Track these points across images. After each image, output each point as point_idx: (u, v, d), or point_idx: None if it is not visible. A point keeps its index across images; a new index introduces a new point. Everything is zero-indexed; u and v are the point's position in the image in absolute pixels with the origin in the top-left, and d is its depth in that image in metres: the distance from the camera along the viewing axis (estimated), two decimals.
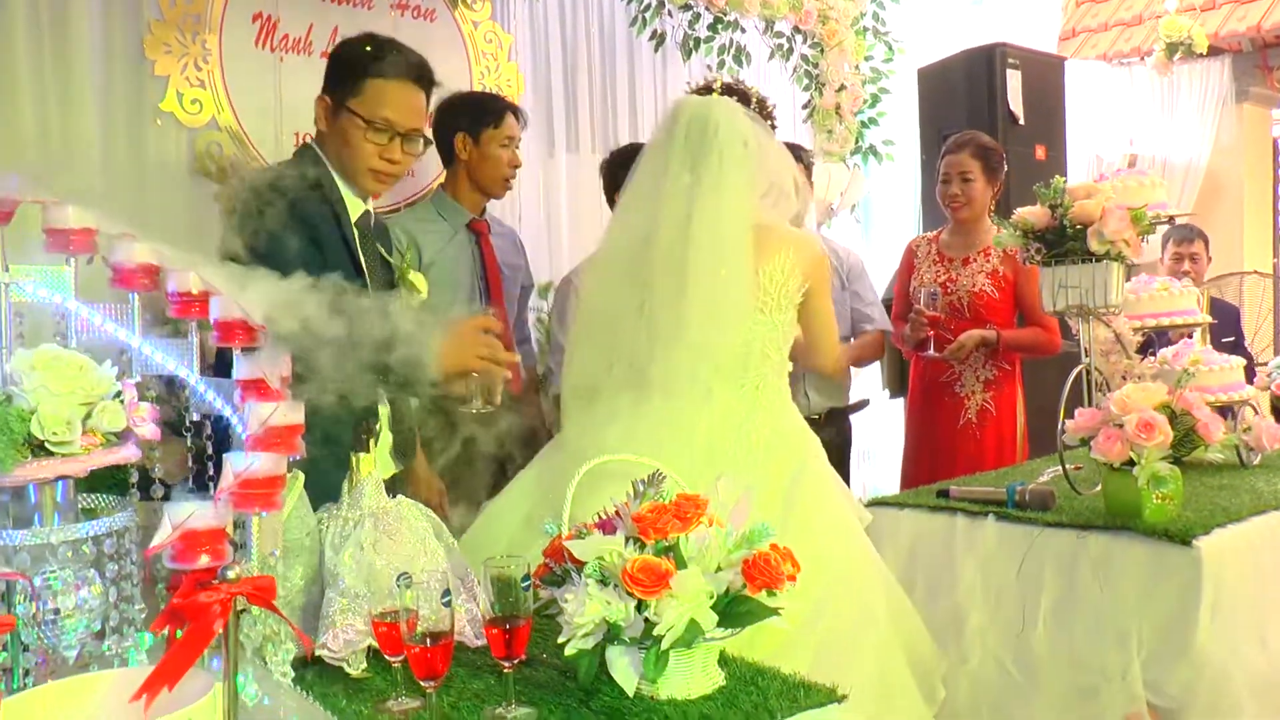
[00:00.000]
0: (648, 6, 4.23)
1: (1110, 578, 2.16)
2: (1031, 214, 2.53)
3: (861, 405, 3.62)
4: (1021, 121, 4.09)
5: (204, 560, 1.11)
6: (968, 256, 3.40)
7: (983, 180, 3.36)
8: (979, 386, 3.36)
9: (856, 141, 5.00)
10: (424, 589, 1.41)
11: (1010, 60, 4.08)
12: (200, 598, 1.05)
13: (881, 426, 4.87)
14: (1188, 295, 2.76)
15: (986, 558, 2.37)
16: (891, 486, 4.11)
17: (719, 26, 4.47)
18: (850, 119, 4.97)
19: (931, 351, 3.24)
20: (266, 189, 1.89)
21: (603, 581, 1.31)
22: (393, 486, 2.14)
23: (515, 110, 3.00)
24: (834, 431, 3.48)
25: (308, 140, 2.14)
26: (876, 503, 2.62)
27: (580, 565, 1.33)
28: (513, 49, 3.85)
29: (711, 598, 1.32)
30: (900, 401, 4.31)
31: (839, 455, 3.53)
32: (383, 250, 2.14)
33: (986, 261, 3.36)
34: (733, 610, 1.33)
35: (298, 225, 1.89)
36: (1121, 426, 2.12)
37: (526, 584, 1.35)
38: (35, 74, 2.78)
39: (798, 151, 3.36)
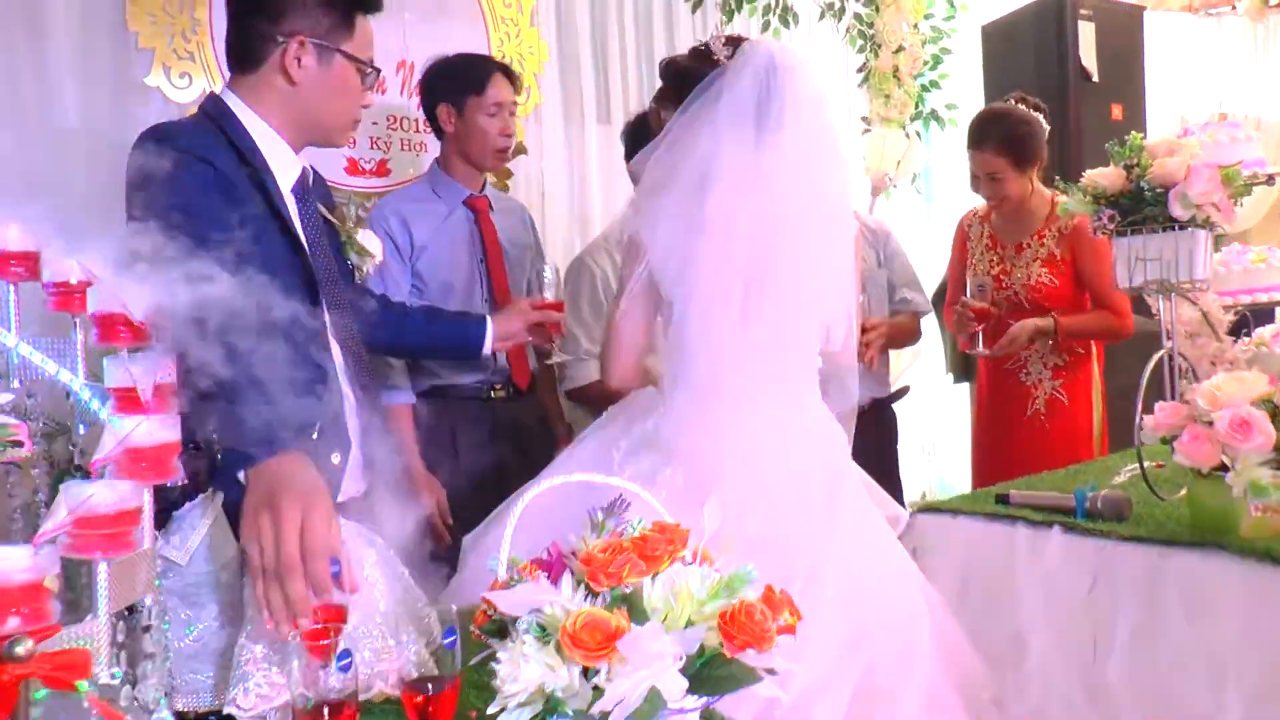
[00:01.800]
0: None
1: (1199, 603, 1.82)
2: (1103, 176, 2.19)
3: (902, 393, 3.30)
4: (1095, 79, 3.69)
5: (11, 624, 0.87)
6: (1021, 242, 3.04)
7: (1014, 174, 2.96)
8: (1047, 374, 3.01)
9: (916, 106, 4.64)
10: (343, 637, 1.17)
11: (1082, 11, 3.69)
12: None
13: (947, 415, 4.53)
14: None
15: (1051, 575, 2.05)
16: (962, 483, 3.78)
17: None
18: (909, 82, 4.60)
19: (980, 348, 2.91)
20: (164, 152, 1.58)
21: (544, 639, 1.05)
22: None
23: (506, 71, 2.72)
24: (880, 427, 3.17)
25: (214, 91, 1.82)
26: (927, 508, 2.31)
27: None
28: (534, 13, 3.58)
29: (681, 660, 1.04)
30: (966, 388, 3.98)
31: (887, 448, 3.23)
32: (324, 212, 1.87)
33: (1041, 246, 3.00)
34: (708, 674, 1.05)
35: (208, 196, 1.59)
36: (1211, 425, 1.78)
37: (451, 639, 1.10)
38: (7, 47, 2.60)
39: None
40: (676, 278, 1.74)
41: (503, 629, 1.11)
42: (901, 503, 3.27)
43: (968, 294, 2.92)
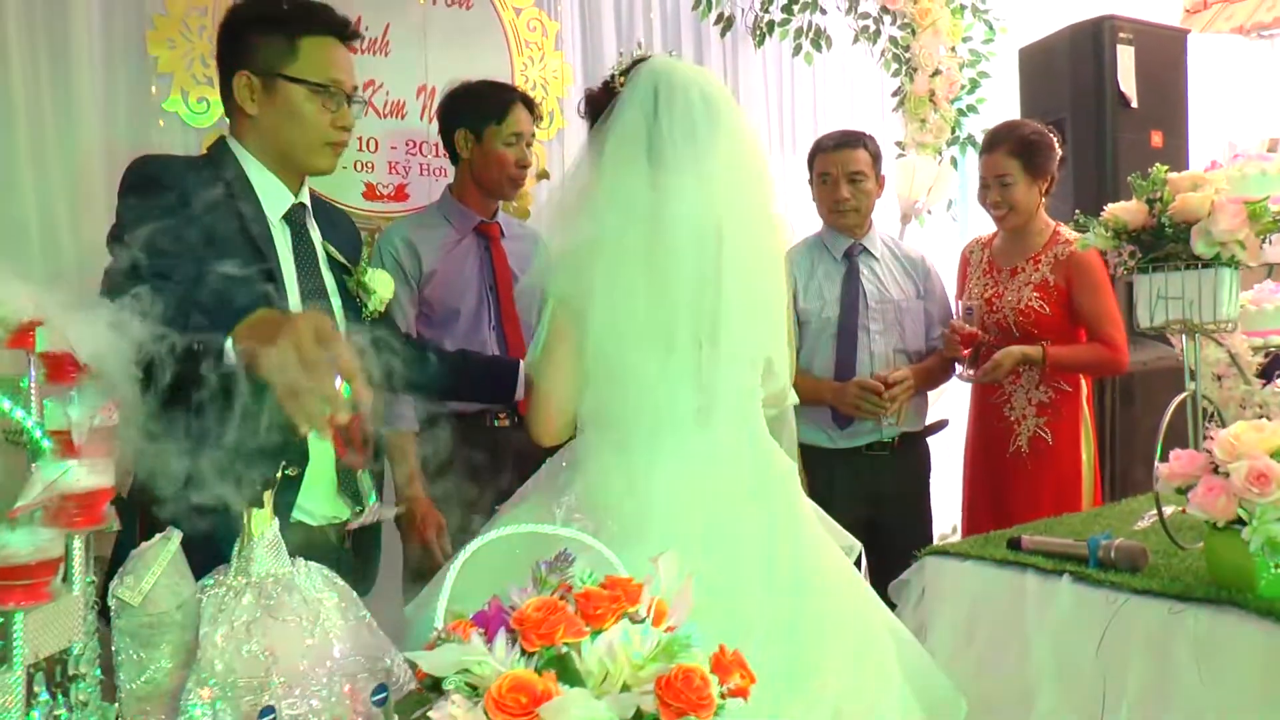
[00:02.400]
0: None
1: (1214, 663, 1.73)
2: (1125, 210, 2.10)
3: (939, 426, 3.20)
4: (1134, 104, 3.57)
5: None
6: (1016, 266, 2.97)
7: (1025, 181, 2.91)
8: (1031, 410, 2.92)
9: (953, 131, 4.55)
10: (282, 690, 1.14)
11: (1122, 35, 3.57)
12: None
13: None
14: None
15: (1061, 625, 1.96)
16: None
17: (795, 8, 4.09)
18: (946, 107, 4.51)
19: (965, 372, 2.86)
20: (131, 178, 1.67)
21: (474, 698, 1.00)
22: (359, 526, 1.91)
23: (527, 102, 2.71)
24: (911, 460, 3.09)
25: (223, 135, 1.87)
26: (934, 552, 2.23)
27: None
28: (559, 37, 3.57)
29: None
30: None
31: (918, 484, 3.14)
32: (331, 249, 1.87)
33: (1035, 271, 2.92)
34: None
35: (181, 227, 1.61)
36: (1228, 476, 1.69)
37: (381, 696, 1.06)
38: (30, 72, 2.64)
39: (860, 138, 2.99)
40: (579, 318, 1.66)
41: (438, 684, 1.07)
42: (930, 537, 3.20)
43: (958, 318, 2.86)
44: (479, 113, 2.62)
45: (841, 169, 2.93)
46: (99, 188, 2.68)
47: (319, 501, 1.80)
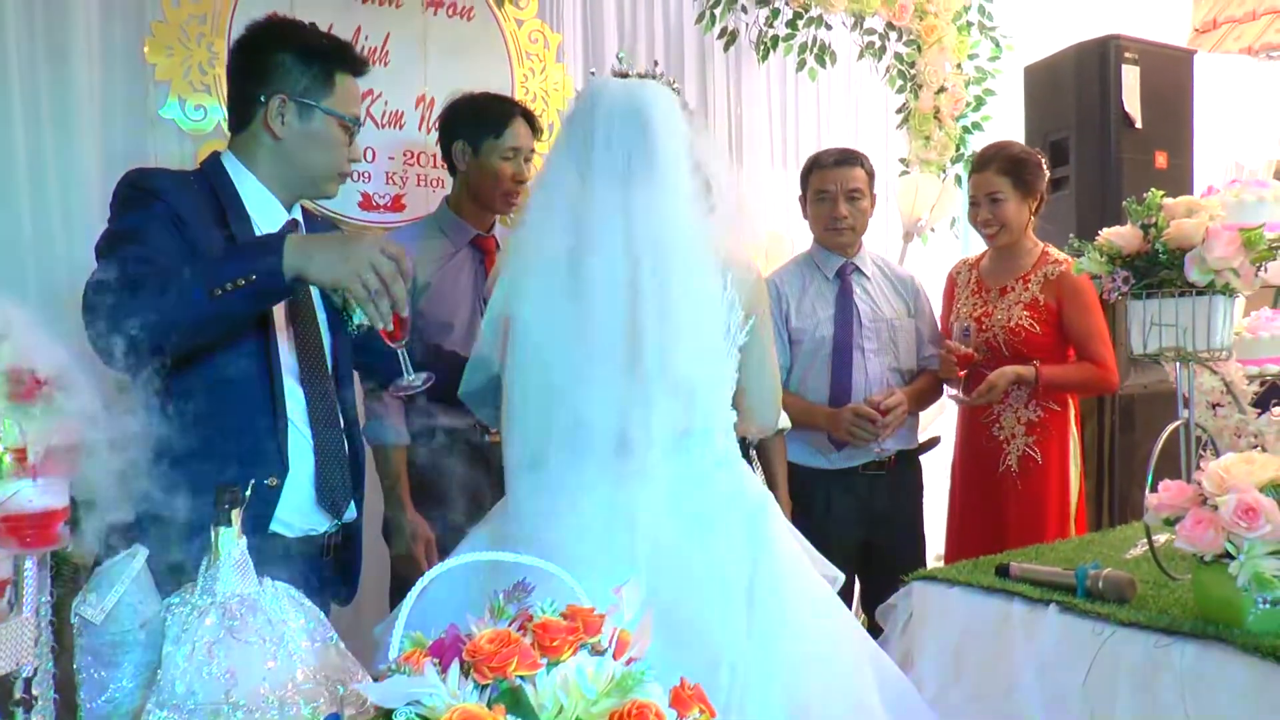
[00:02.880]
0: (716, 1, 3.87)
1: (1201, 698, 1.69)
2: (1119, 235, 2.08)
3: (932, 444, 3.18)
4: (1138, 124, 3.54)
5: None
6: (1005, 286, 2.96)
7: (1015, 198, 2.92)
8: (1020, 429, 2.90)
9: (958, 149, 4.53)
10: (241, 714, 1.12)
11: (1127, 55, 3.54)
12: None
13: None
14: None
15: (1048, 655, 1.93)
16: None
17: (799, 23, 4.07)
18: (950, 124, 4.49)
19: (959, 394, 2.85)
20: (124, 189, 1.70)
21: None
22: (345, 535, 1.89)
23: (528, 116, 2.69)
24: (906, 479, 3.07)
25: (215, 151, 1.90)
26: (921, 577, 2.21)
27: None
28: (561, 50, 3.56)
29: None
30: None
31: (912, 503, 3.12)
32: None
33: (1025, 290, 2.91)
34: None
35: (144, 228, 1.64)
36: (1216, 509, 1.66)
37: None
38: (28, 77, 2.63)
39: (857, 156, 2.97)
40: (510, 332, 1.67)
41: (389, 714, 1.05)
42: (923, 556, 3.18)
43: (954, 338, 2.85)
44: (477, 126, 2.61)
45: (840, 186, 2.91)
46: (94, 194, 2.68)
47: (297, 513, 1.79)
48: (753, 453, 2.83)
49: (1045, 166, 3.02)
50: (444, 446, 2.56)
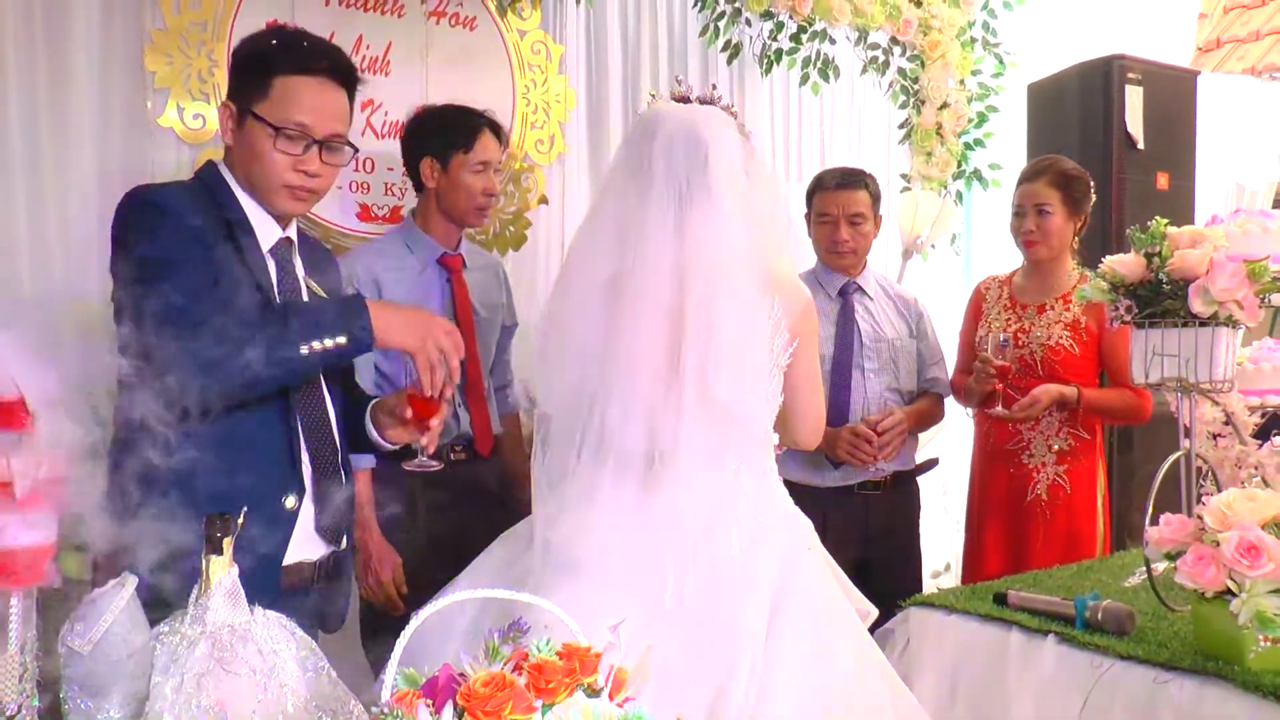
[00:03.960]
0: (721, 14, 3.85)
1: None
2: (1122, 264, 2.07)
3: (930, 465, 3.16)
4: (1141, 145, 3.54)
5: None
6: (1044, 304, 2.90)
7: (1063, 213, 2.86)
8: (1051, 458, 2.84)
9: (960, 165, 4.52)
10: None
11: (1130, 75, 3.54)
12: None
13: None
14: None
15: (1044, 686, 1.91)
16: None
17: (803, 37, 4.06)
18: (953, 140, 4.48)
19: (1000, 409, 2.77)
20: (143, 211, 1.65)
21: None
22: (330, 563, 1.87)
23: (494, 128, 2.65)
24: (902, 499, 3.05)
25: (212, 159, 1.85)
26: (919, 603, 2.19)
27: None
28: (563, 61, 3.54)
29: None
30: None
31: (909, 523, 3.10)
32: (314, 285, 1.84)
33: (1066, 310, 2.85)
34: None
35: (180, 256, 1.62)
36: (1218, 545, 1.65)
37: None
38: (26, 84, 2.62)
39: (862, 177, 2.95)
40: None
41: None
42: (919, 576, 3.16)
43: (989, 351, 2.80)
44: (446, 141, 2.57)
45: (842, 210, 2.90)
46: (92, 202, 2.67)
47: (300, 541, 1.76)
48: None
49: (1093, 190, 2.96)
50: (404, 473, 2.53)
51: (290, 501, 1.74)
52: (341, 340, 1.60)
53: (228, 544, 1.36)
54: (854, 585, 1.85)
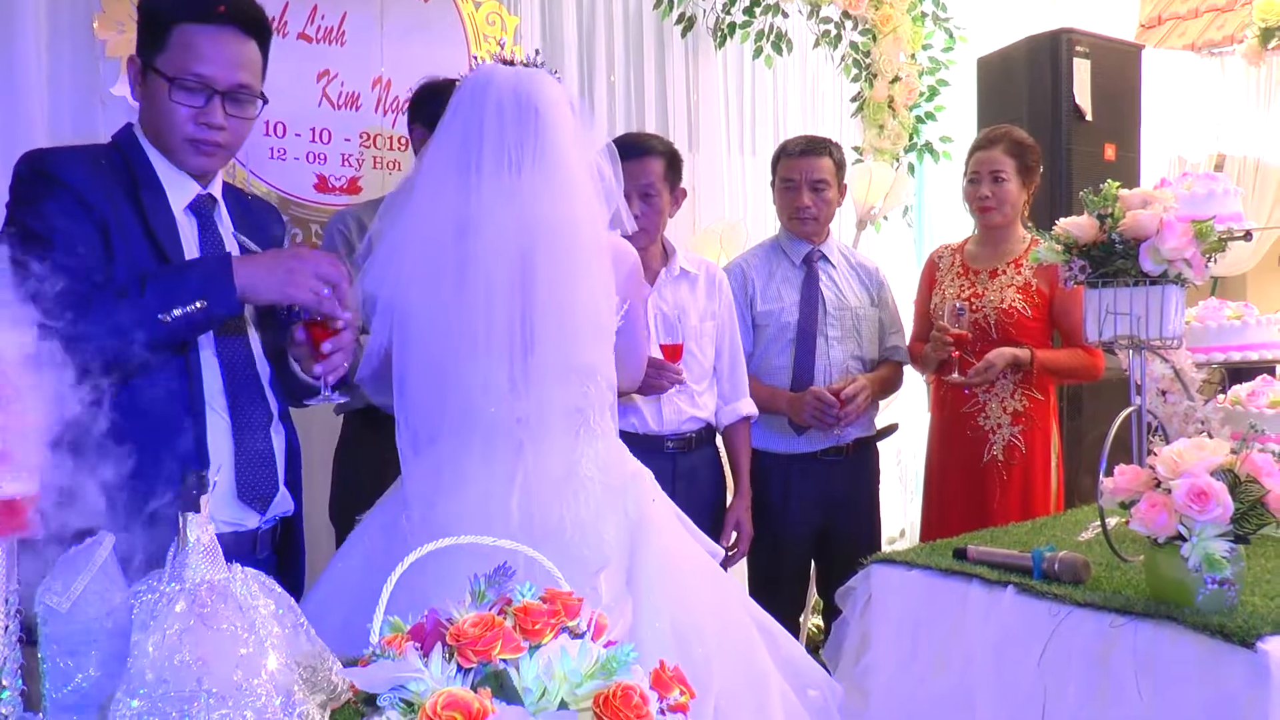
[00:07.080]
0: None
1: (1153, 677, 1.74)
2: (1075, 225, 2.12)
3: (890, 430, 3.22)
4: (1089, 117, 3.62)
5: None
6: (996, 269, 2.97)
7: (1017, 181, 2.93)
8: (1006, 419, 2.91)
9: (911, 138, 4.57)
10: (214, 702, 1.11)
11: (1078, 48, 3.61)
12: None
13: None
14: (1269, 326, 2.31)
15: (1004, 636, 1.97)
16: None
17: (756, 10, 4.09)
18: (904, 113, 4.53)
19: (956, 375, 2.83)
20: (30, 179, 1.60)
21: (409, 713, 0.99)
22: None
23: None
24: (864, 465, 3.11)
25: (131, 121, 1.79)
26: (880, 559, 2.24)
27: None
28: (519, 32, 3.53)
29: None
30: None
31: (869, 488, 3.15)
32: (245, 241, 1.80)
33: (1018, 274, 2.93)
34: None
35: (53, 227, 1.57)
36: (1169, 493, 1.71)
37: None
38: None
39: (826, 145, 2.99)
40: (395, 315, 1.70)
41: (373, 699, 1.05)
42: (878, 541, 3.22)
43: (945, 319, 2.85)
44: (434, 110, 2.57)
45: (804, 176, 2.93)
46: None
47: (218, 508, 1.72)
48: (718, 440, 2.85)
49: (1042, 161, 3.04)
50: (379, 425, 2.54)
51: (201, 474, 1.70)
52: (200, 304, 1.55)
53: (204, 501, 1.36)
54: (699, 529, 1.92)
